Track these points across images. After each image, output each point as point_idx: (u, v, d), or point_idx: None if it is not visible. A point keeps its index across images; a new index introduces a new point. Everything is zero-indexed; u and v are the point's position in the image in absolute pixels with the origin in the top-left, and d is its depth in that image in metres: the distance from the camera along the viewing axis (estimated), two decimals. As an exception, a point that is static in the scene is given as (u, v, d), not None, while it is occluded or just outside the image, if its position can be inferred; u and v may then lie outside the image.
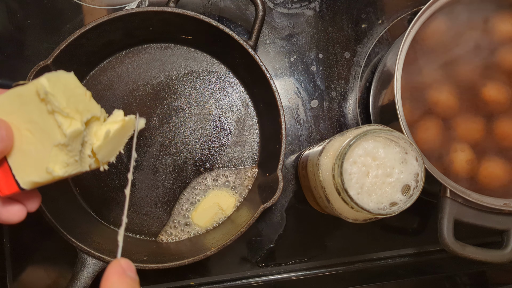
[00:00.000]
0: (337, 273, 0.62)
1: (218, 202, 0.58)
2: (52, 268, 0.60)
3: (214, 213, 0.58)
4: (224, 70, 0.62)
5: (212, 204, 0.58)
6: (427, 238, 0.62)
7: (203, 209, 0.58)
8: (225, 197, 0.58)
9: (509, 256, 0.50)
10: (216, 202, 0.58)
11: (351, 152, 0.43)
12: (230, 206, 0.58)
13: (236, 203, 0.58)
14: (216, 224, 0.58)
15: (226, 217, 0.58)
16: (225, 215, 0.58)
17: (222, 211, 0.58)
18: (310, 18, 0.65)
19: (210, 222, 0.58)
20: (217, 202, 0.58)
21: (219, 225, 0.58)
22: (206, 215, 0.58)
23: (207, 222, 0.58)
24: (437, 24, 0.53)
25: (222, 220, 0.58)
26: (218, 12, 0.64)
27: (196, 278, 0.61)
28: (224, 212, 0.58)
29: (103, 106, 0.60)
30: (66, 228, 0.52)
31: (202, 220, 0.58)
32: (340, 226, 0.62)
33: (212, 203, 0.58)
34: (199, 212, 0.58)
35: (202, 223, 0.58)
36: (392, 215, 0.42)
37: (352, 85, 0.64)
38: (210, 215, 0.58)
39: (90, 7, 0.63)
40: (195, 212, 0.58)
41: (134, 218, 0.59)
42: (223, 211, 0.58)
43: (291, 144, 0.63)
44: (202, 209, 0.58)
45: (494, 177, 0.52)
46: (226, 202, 0.58)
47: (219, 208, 0.58)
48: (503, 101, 0.53)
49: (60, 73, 0.36)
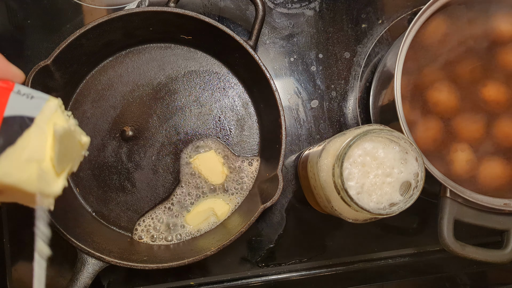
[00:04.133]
0: (337, 273, 0.62)
1: (213, 208, 0.58)
2: (52, 268, 0.60)
3: (207, 217, 0.58)
4: (224, 70, 0.62)
5: (206, 209, 0.58)
6: (427, 238, 0.62)
7: (197, 212, 0.58)
8: (220, 204, 0.58)
9: (509, 256, 0.50)
10: (211, 207, 0.58)
11: (351, 152, 0.43)
12: (224, 212, 0.58)
13: (229, 211, 0.58)
14: (208, 228, 0.58)
15: (219, 222, 0.58)
16: (218, 220, 0.58)
17: (216, 216, 0.58)
18: (310, 18, 0.65)
19: (203, 225, 0.58)
20: (212, 208, 0.58)
21: (211, 229, 0.58)
22: (199, 218, 0.58)
23: (199, 224, 0.58)
24: (437, 24, 0.53)
25: (215, 225, 0.58)
26: (218, 12, 0.64)
27: (196, 278, 0.61)
28: (218, 217, 0.58)
29: (103, 106, 0.60)
30: (66, 228, 0.52)
31: (195, 222, 0.58)
32: (340, 226, 0.62)
33: (207, 207, 0.58)
34: (193, 215, 0.58)
35: (194, 224, 0.58)
36: (392, 215, 0.42)
37: (352, 85, 0.64)
38: (203, 218, 0.58)
39: (90, 7, 0.63)
40: (189, 214, 0.58)
41: (134, 218, 0.59)
42: (217, 216, 0.58)
43: (291, 144, 0.63)
44: (196, 212, 0.58)
45: (494, 177, 0.52)
46: (221, 209, 0.58)
47: (213, 213, 0.58)
48: (503, 101, 0.53)
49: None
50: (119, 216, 0.59)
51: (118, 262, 0.51)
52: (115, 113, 0.60)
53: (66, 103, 0.59)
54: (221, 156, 0.59)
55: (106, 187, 0.59)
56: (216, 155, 0.59)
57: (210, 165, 0.58)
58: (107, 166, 0.59)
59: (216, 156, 0.59)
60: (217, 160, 0.59)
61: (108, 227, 0.58)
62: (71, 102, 0.60)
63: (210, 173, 0.58)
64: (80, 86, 0.60)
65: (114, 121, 0.60)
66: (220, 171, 0.58)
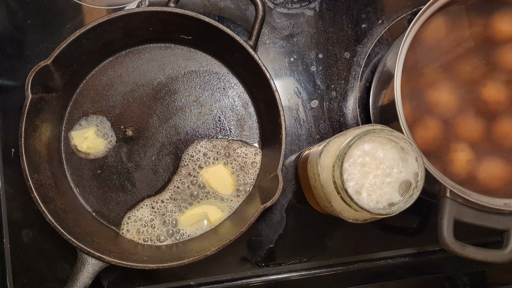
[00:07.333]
0: (337, 273, 0.62)
1: (207, 213, 0.58)
2: (52, 268, 0.60)
3: (199, 220, 0.58)
4: (224, 70, 0.62)
5: (200, 213, 0.58)
6: (427, 238, 0.62)
7: (190, 215, 0.58)
8: (214, 210, 0.58)
9: (509, 256, 0.50)
10: (205, 212, 0.58)
11: (351, 152, 0.43)
12: (216, 219, 0.58)
13: (222, 218, 0.58)
14: (199, 232, 0.58)
15: (210, 227, 0.58)
16: (210, 225, 0.58)
17: (209, 222, 0.58)
18: (310, 18, 0.65)
19: (194, 227, 0.58)
20: (206, 212, 0.58)
21: (202, 233, 0.58)
22: (191, 220, 0.58)
23: (191, 226, 0.58)
24: (437, 24, 0.53)
25: (206, 230, 0.58)
26: (218, 12, 0.64)
27: (196, 278, 0.61)
28: (211, 223, 0.58)
29: (103, 106, 0.60)
30: (66, 228, 0.52)
31: (187, 223, 0.58)
32: (340, 226, 0.62)
33: (201, 211, 0.58)
34: (187, 217, 0.58)
35: (186, 225, 0.58)
36: (392, 215, 0.42)
37: (352, 85, 0.64)
38: (195, 221, 0.58)
39: (90, 7, 0.63)
40: (183, 216, 0.58)
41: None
42: (210, 222, 0.58)
43: (291, 144, 0.63)
44: (189, 215, 0.58)
45: (494, 177, 0.52)
46: (214, 215, 0.58)
47: (206, 219, 0.58)
48: (503, 101, 0.53)
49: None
50: (119, 216, 0.59)
51: (118, 262, 0.51)
52: (115, 113, 0.60)
53: (66, 103, 0.59)
54: (229, 168, 0.59)
55: (106, 187, 0.59)
56: (225, 167, 0.59)
57: (219, 178, 0.58)
58: (107, 166, 0.59)
59: (224, 168, 0.59)
60: (225, 172, 0.58)
61: (108, 227, 0.58)
62: (71, 102, 0.60)
63: (220, 185, 0.58)
64: (80, 86, 0.60)
65: (114, 121, 0.60)
66: (230, 183, 0.58)
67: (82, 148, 0.59)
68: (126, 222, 0.58)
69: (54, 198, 0.54)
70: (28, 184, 0.52)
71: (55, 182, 0.56)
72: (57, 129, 0.59)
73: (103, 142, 0.59)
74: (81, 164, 0.59)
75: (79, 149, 0.59)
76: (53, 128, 0.58)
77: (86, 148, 0.58)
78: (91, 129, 0.59)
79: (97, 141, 0.59)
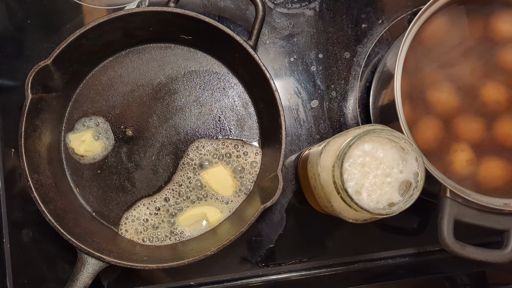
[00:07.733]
0: (337, 273, 0.62)
1: (206, 213, 0.58)
2: (52, 268, 0.60)
3: (197, 220, 0.58)
4: (224, 70, 0.62)
5: (199, 213, 0.58)
6: (427, 238, 0.62)
7: (190, 215, 0.58)
8: (213, 211, 0.58)
9: (509, 256, 0.50)
10: (204, 213, 0.58)
11: (351, 152, 0.43)
12: (215, 220, 0.58)
13: (221, 219, 0.58)
14: (199, 232, 0.58)
15: (209, 228, 0.58)
16: (209, 226, 0.58)
17: (208, 223, 0.58)
18: (310, 18, 0.65)
19: (193, 227, 0.58)
20: (205, 213, 0.58)
21: (202, 234, 0.58)
22: (191, 220, 0.58)
23: (190, 226, 0.58)
24: (437, 24, 0.53)
25: (205, 231, 0.58)
26: (218, 12, 0.64)
27: (196, 278, 0.61)
28: (210, 223, 0.58)
29: (103, 106, 0.60)
30: (66, 228, 0.52)
31: (186, 224, 0.58)
32: (340, 226, 0.62)
33: (200, 212, 0.58)
34: (186, 217, 0.58)
35: (185, 226, 0.58)
36: (392, 215, 0.42)
37: (352, 85, 0.64)
38: (194, 221, 0.58)
39: (90, 7, 0.63)
40: (182, 216, 0.58)
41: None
42: (209, 223, 0.58)
43: (291, 144, 0.63)
44: (189, 215, 0.58)
45: (494, 177, 0.52)
46: (213, 216, 0.58)
47: (205, 219, 0.58)
48: (503, 101, 0.53)
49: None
50: (119, 216, 0.59)
51: (118, 262, 0.51)
52: (115, 113, 0.60)
53: (66, 103, 0.59)
54: (229, 169, 0.59)
55: (106, 187, 0.59)
56: (225, 168, 0.59)
57: (219, 179, 0.58)
58: (107, 166, 0.59)
59: (224, 169, 0.59)
60: (226, 174, 0.58)
61: (108, 227, 0.58)
62: (71, 102, 0.60)
63: (220, 187, 0.58)
64: (80, 86, 0.60)
65: (114, 121, 0.60)
66: (230, 184, 0.58)
67: (80, 151, 0.58)
68: (124, 222, 0.58)
69: (54, 198, 0.54)
70: (28, 184, 0.52)
71: (55, 182, 0.56)
72: (57, 129, 0.59)
73: (100, 145, 0.59)
74: (81, 164, 0.59)
75: (76, 152, 0.59)
76: (53, 128, 0.58)
77: (83, 151, 0.58)
78: (88, 132, 0.59)
79: (94, 144, 0.59)
